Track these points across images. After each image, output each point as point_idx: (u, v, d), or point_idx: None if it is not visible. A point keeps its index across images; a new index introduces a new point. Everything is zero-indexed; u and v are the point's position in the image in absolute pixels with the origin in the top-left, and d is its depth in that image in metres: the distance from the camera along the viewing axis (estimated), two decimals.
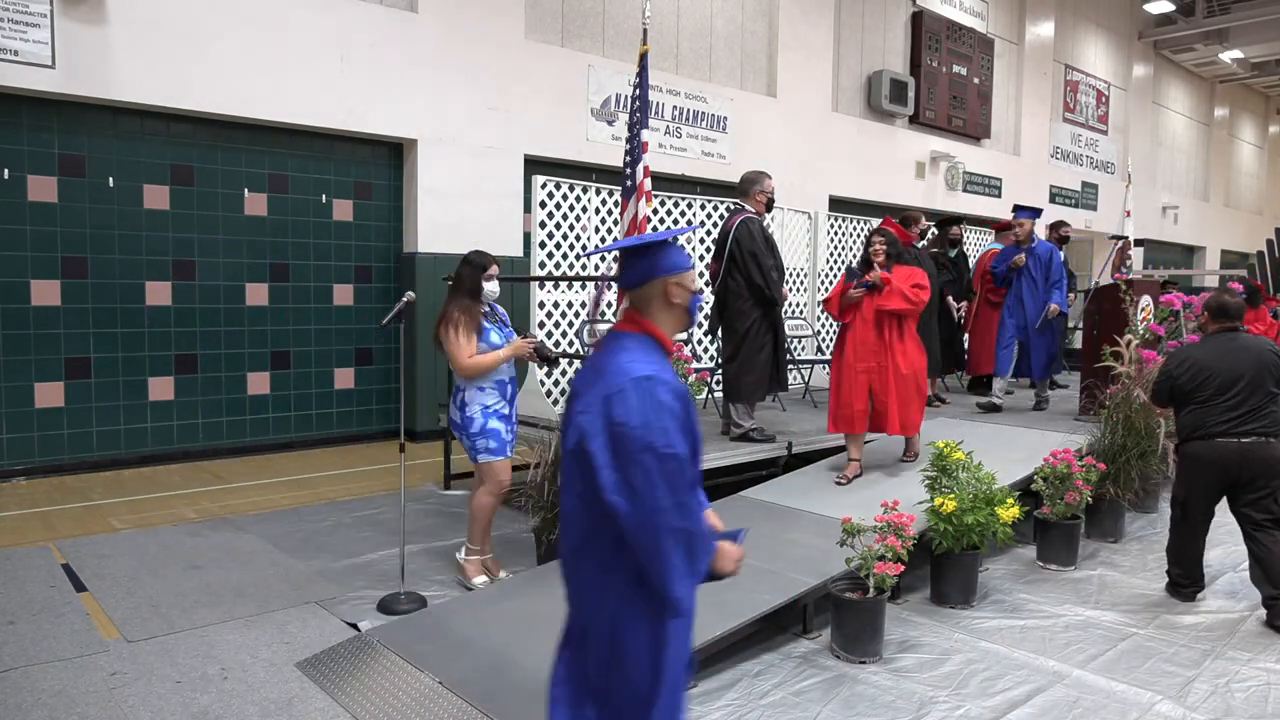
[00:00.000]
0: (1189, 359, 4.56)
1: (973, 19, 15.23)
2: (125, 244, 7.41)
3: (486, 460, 4.54)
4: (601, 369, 2.09)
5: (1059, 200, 17.52)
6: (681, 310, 2.21)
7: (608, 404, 1.99)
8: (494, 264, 4.60)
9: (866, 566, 3.93)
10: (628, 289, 2.18)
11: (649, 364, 2.05)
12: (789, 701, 3.51)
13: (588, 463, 2.01)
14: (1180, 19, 19.49)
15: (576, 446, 2.06)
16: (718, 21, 11.44)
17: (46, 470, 7.10)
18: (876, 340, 5.59)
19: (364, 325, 8.77)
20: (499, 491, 4.62)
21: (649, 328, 2.15)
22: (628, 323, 2.18)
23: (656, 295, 2.16)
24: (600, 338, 2.23)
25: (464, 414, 4.52)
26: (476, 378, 4.48)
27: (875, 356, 5.59)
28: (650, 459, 1.94)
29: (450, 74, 8.77)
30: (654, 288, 2.15)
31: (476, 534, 4.66)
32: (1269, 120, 26.30)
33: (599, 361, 2.14)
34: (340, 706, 3.38)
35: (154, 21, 7.13)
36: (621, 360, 2.05)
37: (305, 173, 8.36)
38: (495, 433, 4.51)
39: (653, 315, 2.17)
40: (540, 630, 3.82)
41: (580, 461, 2.05)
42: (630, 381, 1.98)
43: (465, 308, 4.48)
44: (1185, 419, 4.57)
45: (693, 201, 8.11)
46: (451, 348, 4.42)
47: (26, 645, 3.85)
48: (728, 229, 6.05)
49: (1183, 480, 4.63)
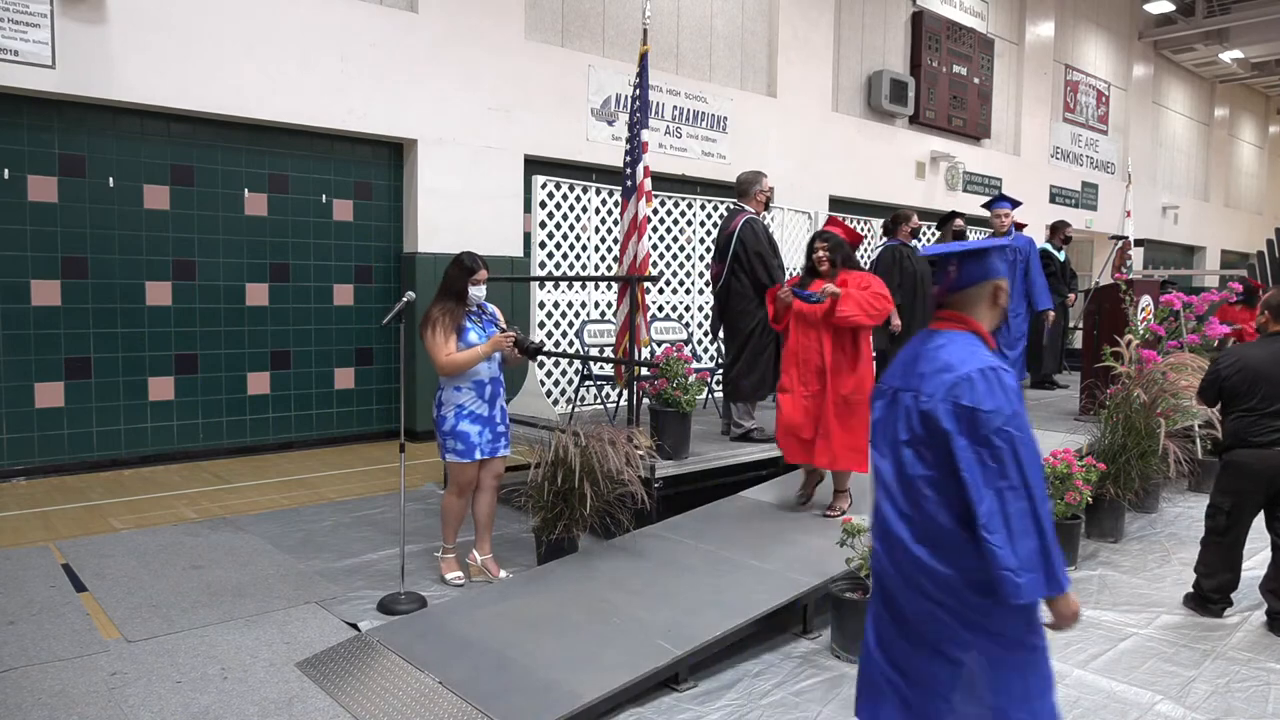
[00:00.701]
0: (1241, 360, 4.36)
1: (973, 19, 15.24)
2: (125, 244, 7.41)
3: (452, 460, 4.59)
4: (935, 362, 2.23)
5: (1059, 200, 17.52)
6: (1001, 311, 2.37)
7: (954, 390, 2.14)
8: (484, 269, 4.60)
9: (867, 566, 3.93)
10: (958, 290, 2.32)
11: (988, 356, 2.21)
12: (789, 701, 3.51)
13: (937, 446, 2.16)
14: (1180, 19, 19.49)
15: (921, 432, 2.20)
16: (718, 21, 11.44)
17: (46, 470, 7.10)
18: (819, 358, 4.88)
19: (364, 325, 8.77)
20: (461, 493, 4.67)
21: (975, 325, 2.30)
22: (949, 321, 2.33)
23: (985, 296, 2.32)
24: None
25: (439, 412, 4.58)
26: (455, 375, 4.51)
27: (820, 378, 4.89)
28: (1002, 439, 2.09)
29: (450, 74, 8.77)
30: (984, 289, 2.32)
31: (445, 531, 4.74)
32: (1269, 120, 26.30)
33: (922, 355, 2.29)
34: (340, 706, 3.38)
35: (154, 21, 7.14)
36: (959, 353, 2.21)
37: (305, 173, 8.36)
38: (465, 435, 4.54)
39: (978, 314, 2.33)
40: (540, 630, 3.83)
41: (924, 446, 2.20)
42: (977, 371, 2.15)
43: (447, 309, 4.51)
44: (1233, 424, 4.37)
45: (693, 201, 8.11)
46: (430, 346, 4.47)
47: (26, 645, 3.85)
48: (730, 230, 6.05)
49: (1228, 489, 4.38)
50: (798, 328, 4.97)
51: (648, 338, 6.62)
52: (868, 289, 4.82)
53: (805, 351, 4.94)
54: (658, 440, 5.32)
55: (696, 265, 8.11)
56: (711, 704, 3.48)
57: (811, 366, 4.92)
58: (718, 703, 3.49)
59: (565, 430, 4.84)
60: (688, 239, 8.08)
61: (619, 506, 4.73)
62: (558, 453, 4.71)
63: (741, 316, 6.01)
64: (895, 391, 2.32)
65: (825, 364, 4.86)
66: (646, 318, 6.49)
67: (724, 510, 5.32)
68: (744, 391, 6.06)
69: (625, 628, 3.83)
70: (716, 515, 5.23)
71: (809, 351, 4.92)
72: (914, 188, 14.21)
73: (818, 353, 4.89)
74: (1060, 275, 9.56)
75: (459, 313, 4.52)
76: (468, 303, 4.56)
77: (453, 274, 4.56)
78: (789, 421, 5.01)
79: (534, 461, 4.79)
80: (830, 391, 4.85)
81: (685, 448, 5.55)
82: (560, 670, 3.47)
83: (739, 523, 5.09)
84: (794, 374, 5.00)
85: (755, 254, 5.91)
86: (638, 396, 5.67)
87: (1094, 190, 18.67)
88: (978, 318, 2.32)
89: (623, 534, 4.86)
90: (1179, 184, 21.97)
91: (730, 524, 5.06)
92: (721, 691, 3.59)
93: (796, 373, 4.98)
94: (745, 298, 5.97)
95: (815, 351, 4.90)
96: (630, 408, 5.67)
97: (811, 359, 4.92)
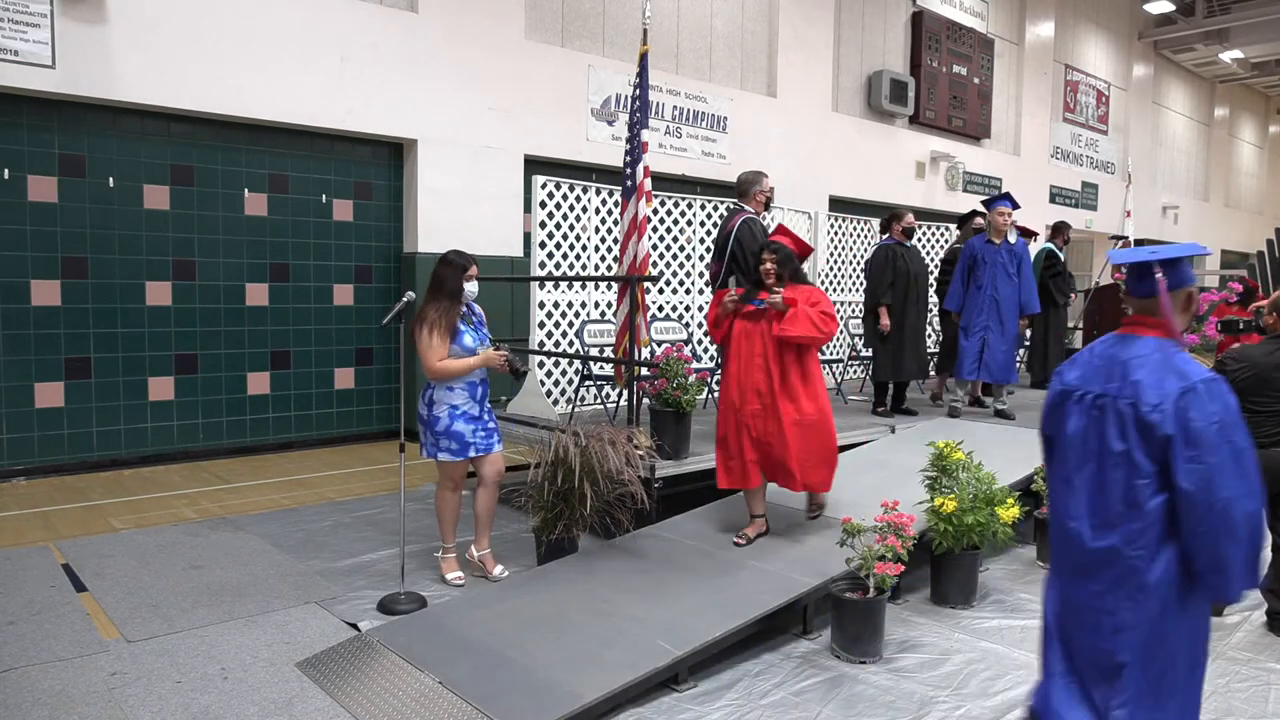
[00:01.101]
0: (1246, 359, 4.36)
1: (973, 19, 15.23)
2: (125, 244, 7.41)
3: (445, 459, 4.57)
4: (1153, 369, 2.24)
5: (1059, 200, 17.52)
6: (1191, 317, 2.47)
7: (1181, 400, 2.16)
8: (474, 264, 4.61)
9: (867, 566, 3.93)
10: (1155, 295, 2.32)
11: (1200, 366, 2.25)
12: (789, 702, 3.50)
13: (1156, 453, 2.17)
14: (1180, 19, 19.49)
15: (1139, 440, 2.21)
16: (718, 21, 11.44)
17: (46, 470, 7.10)
18: (765, 377, 4.56)
19: (364, 325, 8.77)
20: (455, 489, 4.68)
21: (1173, 331, 2.33)
22: (1146, 327, 2.34)
23: (1180, 301, 2.35)
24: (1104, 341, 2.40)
25: (430, 412, 4.55)
26: (443, 380, 4.50)
27: (762, 398, 4.57)
28: (1227, 451, 2.12)
29: (450, 74, 8.77)
30: (1180, 295, 2.34)
31: (443, 530, 4.73)
32: (1269, 120, 26.29)
33: (1130, 362, 2.29)
34: (340, 706, 3.38)
35: (154, 21, 7.14)
36: (1173, 361, 2.24)
37: (305, 173, 8.36)
38: (459, 434, 4.53)
39: (1176, 319, 2.35)
40: (540, 630, 3.83)
41: (1142, 454, 2.20)
42: (1201, 383, 2.18)
43: (444, 310, 4.48)
44: None
45: (693, 202, 8.11)
46: (423, 349, 4.44)
47: (26, 645, 3.85)
48: (729, 229, 6.05)
49: None
50: (741, 343, 4.62)
51: (648, 338, 6.62)
52: (816, 305, 4.53)
53: (747, 369, 4.60)
54: (658, 440, 5.32)
55: (696, 265, 8.11)
56: (711, 704, 3.48)
57: (752, 385, 4.58)
58: (718, 703, 3.49)
59: (565, 430, 4.84)
60: (688, 239, 8.08)
61: (619, 506, 4.73)
62: (558, 453, 4.71)
63: None
64: (1097, 397, 2.31)
65: (774, 384, 4.54)
66: (646, 318, 6.50)
67: (724, 510, 5.32)
68: None
69: (625, 628, 3.82)
70: (716, 515, 5.23)
71: (752, 369, 4.58)
72: (914, 188, 14.21)
73: (763, 371, 4.55)
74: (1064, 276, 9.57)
75: (454, 313, 4.50)
76: (463, 300, 4.56)
77: (445, 273, 4.54)
78: (730, 444, 4.67)
79: (534, 461, 4.79)
80: (785, 414, 4.51)
81: (685, 448, 5.55)
82: (560, 670, 3.47)
83: (739, 523, 5.08)
84: (733, 391, 4.64)
85: (753, 254, 5.89)
86: (638, 396, 5.67)
87: (1094, 190, 18.67)
88: (1175, 323, 2.34)
89: (623, 534, 4.86)
90: (1179, 184, 21.97)
91: (730, 524, 5.06)
92: (721, 691, 3.59)
93: (736, 390, 4.61)
94: None
95: (761, 370, 4.55)
96: (630, 408, 5.67)
97: (754, 377, 4.57)
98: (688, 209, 8.06)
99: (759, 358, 4.56)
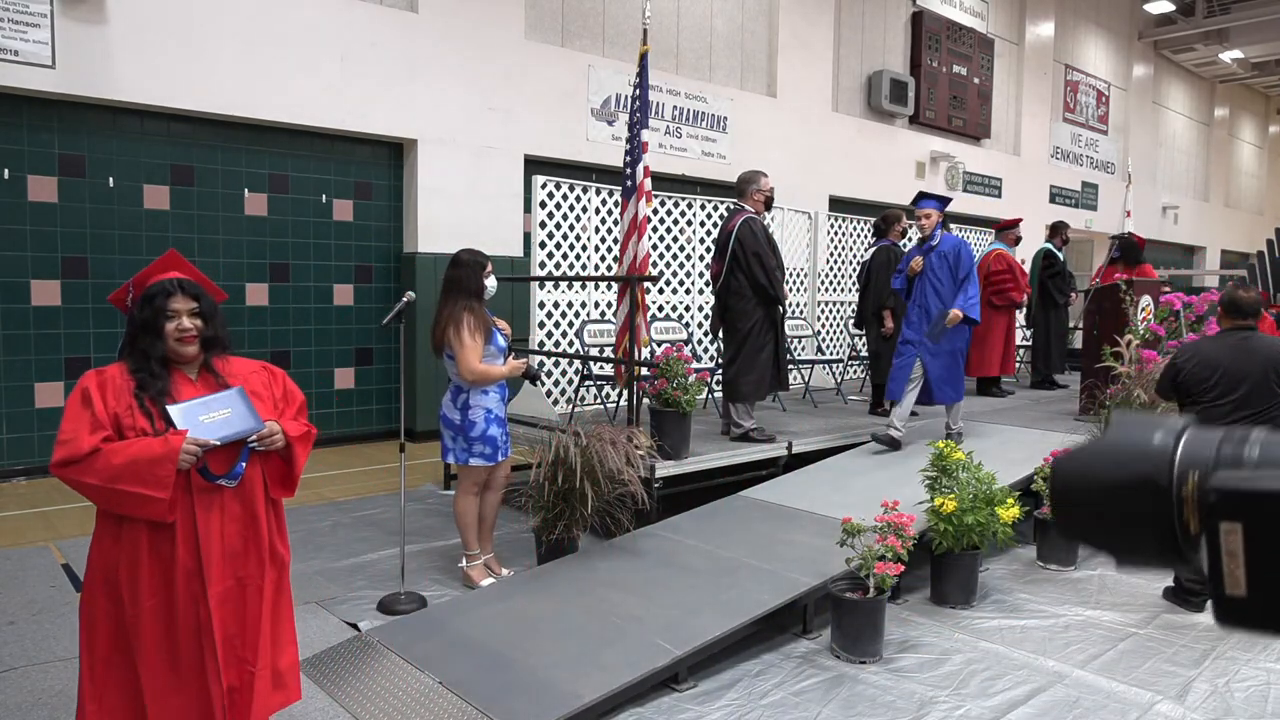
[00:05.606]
0: (1197, 353, 4.47)
1: (973, 19, 15.23)
2: (125, 244, 7.41)
3: (478, 464, 4.52)
4: None
5: (1059, 200, 17.52)
6: None
7: None
8: (489, 260, 4.61)
9: (866, 566, 3.93)
10: None
11: None
12: (789, 702, 3.50)
13: None
14: (1180, 19, 19.49)
15: None
16: (718, 21, 11.44)
17: (47, 470, 7.09)
18: (243, 536, 2.56)
19: (364, 325, 8.77)
20: (478, 494, 4.63)
21: None
22: None
23: None
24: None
25: (466, 416, 4.47)
26: (481, 384, 4.47)
27: (238, 565, 2.55)
28: None
29: (450, 74, 8.77)
30: None
31: (469, 537, 4.65)
32: (1269, 120, 26.29)
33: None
34: (340, 706, 3.38)
35: (154, 21, 7.13)
36: None
37: (305, 173, 8.36)
38: (493, 439, 4.51)
39: None
40: (540, 630, 3.83)
41: None
42: None
43: (474, 309, 4.42)
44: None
45: (693, 201, 8.11)
46: (463, 348, 4.34)
47: (26, 645, 3.85)
48: (729, 229, 6.05)
49: None
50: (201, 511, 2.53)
51: (648, 338, 6.62)
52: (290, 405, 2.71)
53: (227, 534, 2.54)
54: (658, 440, 5.32)
55: (696, 265, 8.11)
56: (711, 704, 3.48)
57: (232, 552, 2.55)
58: (718, 703, 3.49)
59: (565, 430, 4.84)
60: (688, 239, 8.08)
61: (619, 506, 4.73)
62: (558, 453, 4.71)
63: (739, 316, 6.01)
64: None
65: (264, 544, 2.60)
66: (646, 318, 6.50)
67: (724, 510, 5.32)
68: (743, 391, 6.06)
69: (625, 628, 3.82)
70: (716, 515, 5.23)
71: (230, 530, 2.55)
72: (914, 188, 14.17)
73: (238, 536, 2.55)
74: (1063, 275, 9.57)
75: (483, 312, 4.46)
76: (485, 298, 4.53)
77: (462, 274, 4.47)
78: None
79: (534, 461, 4.79)
80: (270, 590, 2.61)
81: (685, 448, 5.55)
82: (560, 670, 3.47)
83: (739, 523, 5.09)
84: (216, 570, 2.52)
85: (753, 254, 5.92)
86: (638, 396, 5.67)
87: (1094, 190, 18.67)
88: None
89: (623, 534, 4.86)
90: (1179, 184, 21.97)
91: (730, 524, 5.06)
92: (721, 691, 3.59)
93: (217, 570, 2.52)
94: (743, 297, 5.98)
95: (237, 526, 2.55)
96: (630, 408, 5.67)
97: (233, 543, 2.55)
98: (688, 209, 8.06)
99: (234, 505, 2.56)
